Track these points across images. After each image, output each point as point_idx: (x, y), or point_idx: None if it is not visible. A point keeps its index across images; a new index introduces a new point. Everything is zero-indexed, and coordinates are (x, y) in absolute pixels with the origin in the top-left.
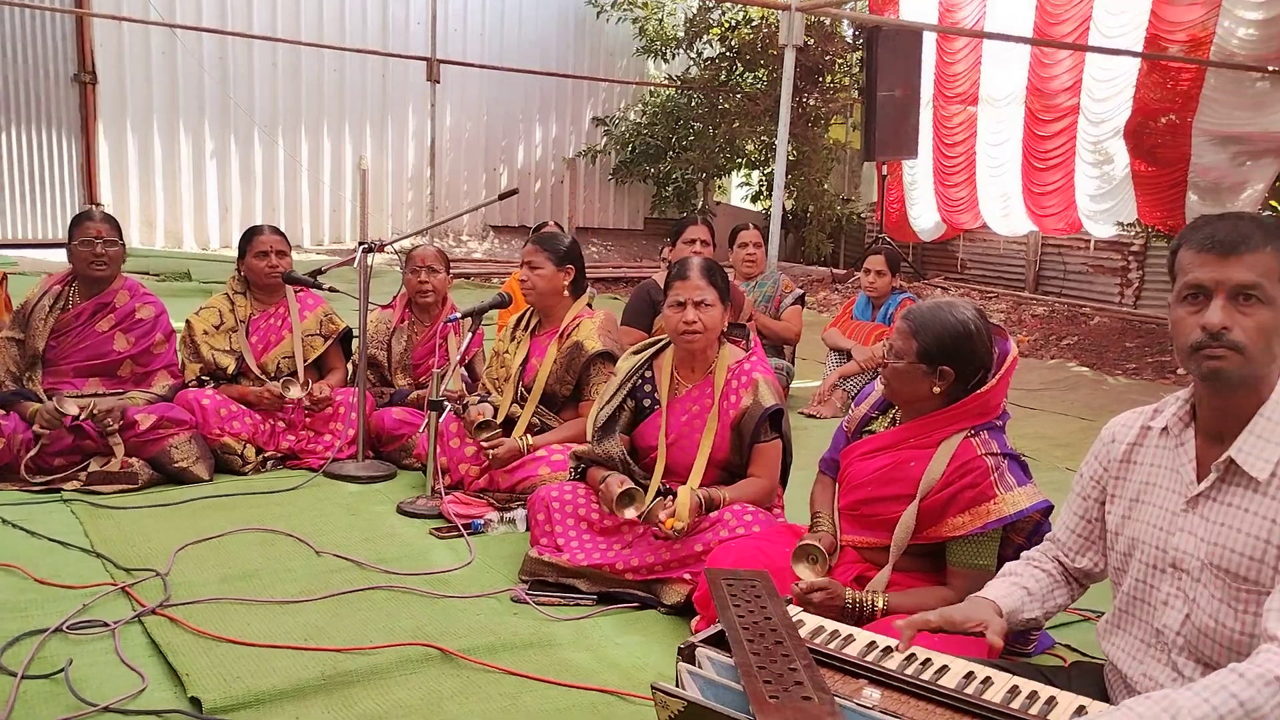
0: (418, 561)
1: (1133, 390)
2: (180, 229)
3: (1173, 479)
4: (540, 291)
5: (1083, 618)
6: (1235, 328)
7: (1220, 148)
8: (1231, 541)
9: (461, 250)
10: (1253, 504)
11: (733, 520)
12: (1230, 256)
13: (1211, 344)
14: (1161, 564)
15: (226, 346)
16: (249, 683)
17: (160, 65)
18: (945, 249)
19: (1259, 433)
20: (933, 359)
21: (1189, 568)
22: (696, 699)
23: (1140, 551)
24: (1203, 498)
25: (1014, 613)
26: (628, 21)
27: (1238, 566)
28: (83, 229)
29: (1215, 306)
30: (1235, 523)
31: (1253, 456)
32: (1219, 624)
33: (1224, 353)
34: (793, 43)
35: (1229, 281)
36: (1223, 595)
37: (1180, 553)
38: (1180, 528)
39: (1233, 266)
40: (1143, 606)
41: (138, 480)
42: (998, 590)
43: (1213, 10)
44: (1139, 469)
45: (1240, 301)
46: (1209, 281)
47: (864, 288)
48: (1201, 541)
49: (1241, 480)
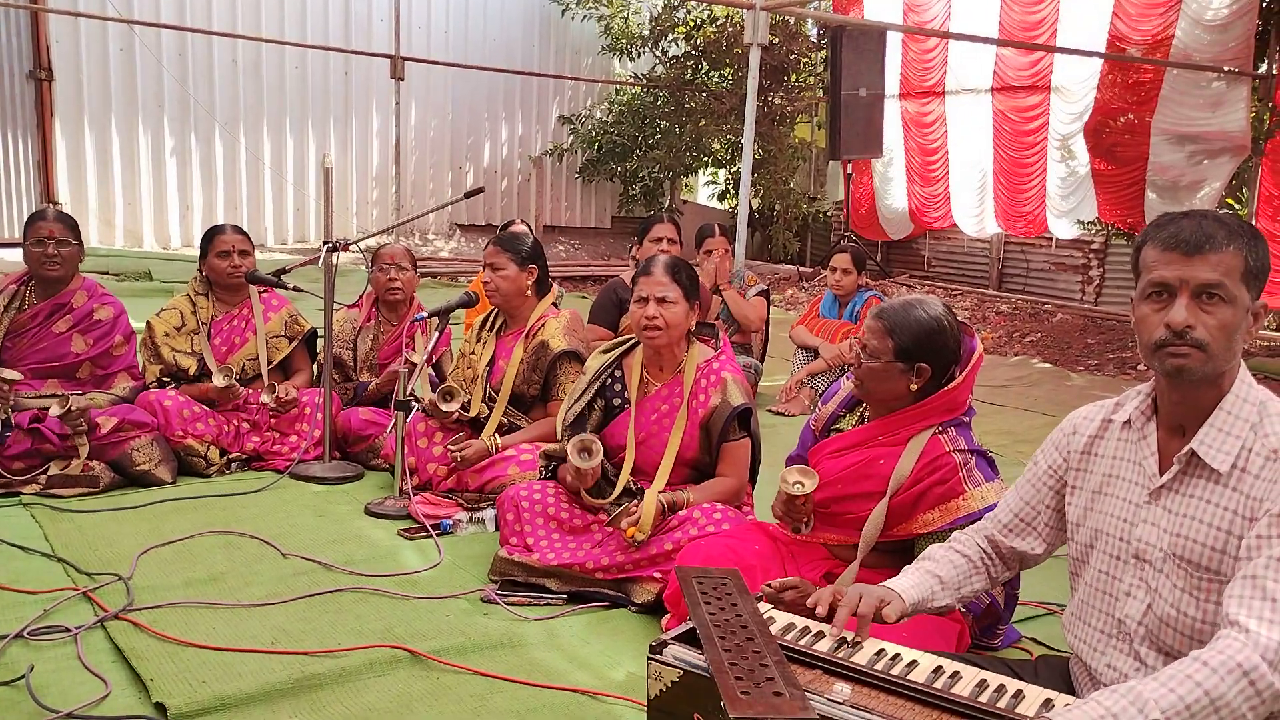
0: (386, 563)
1: (1094, 386)
2: (140, 228)
3: (1135, 471)
4: (504, 293)
5: (1048, 611)
6: (1198, 326)
7: (1178, 147)
8: (1193, 532)
9: (428, 249)
10: (1214, 495)
11: (702, 519)
12: (1195, 256)
13: (1175, 342)
14: (1124, 555)
15: (188, 348)
16: (215, 687)
17: (118, 62)
18: (911, 247)
19: (1219, 425)
20: (910, 356)
21: (1151, 558)
22: (693, 668)
23: (1103, 543)
24: (1165, 489)
25: (920, 603)
26: (593, 20)
27: (1199, 557)
28: (35, 229)
29: (1179, 305)
30: (1197, 514)
31: (1213, 449)
32: (1180, 613)
33: (1188, 350)
34: (758, 41)
35: (1193, 280)
36: (1184, 585)
37: (1143, 544)
38: (1143, 519)
39: (1197, 265)
40: (1104, 598)
41: (99, 483)
42: (904, 582)
43: (1172, 11)
44: (1101, 461)
45: (1203, 300)
46: (1174, 280)
47: (830, 286)
48: (1164, 533)
49: (1203, 472)
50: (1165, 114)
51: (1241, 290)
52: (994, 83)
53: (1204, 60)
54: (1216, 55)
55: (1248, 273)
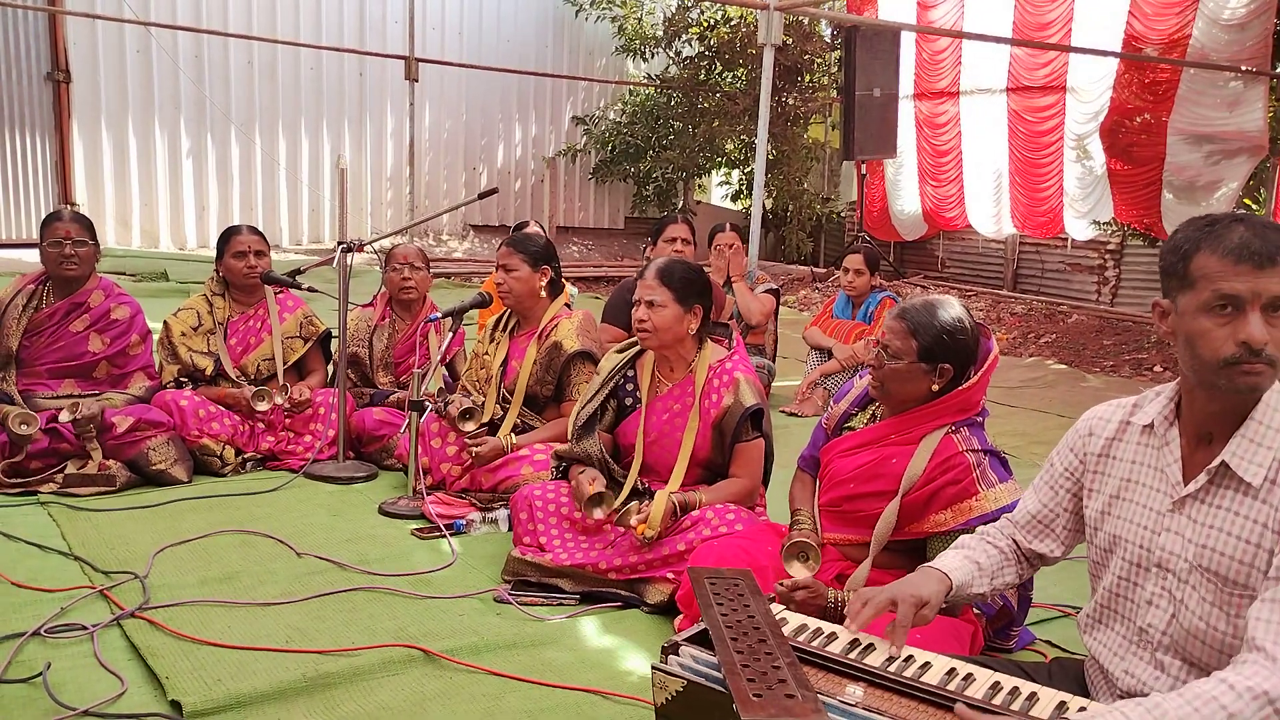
0: (400, 562)
1: (1110, 387)
2: (156, 228)
3: (1157, 478)
4: (517, 294)
5: (1062, 613)
6: (1271, 342)
7: (1195, 147)
8: (1221, 545)
9: (441, 250)
10: (1243, 508)
11: (715, 519)
12: (1268, 268)
13: (1251, 360)
14: (1146, 563)
15: (205, 348)
16: (230, 685)
17: (135, 63)
18: (925, 248)
19: (1251, 436)
20: (933, 357)
21: (1175, 569)
22: (697, 678)
23: (1122, 549)
24: (1191, 499)
25: (963, 586)
26: (606, 20)
27: (1227, 570)
28: (52, 229)
29: (1255, 320)
30: (1225, 526)
31: (1245, 461)
32: (1210, 626)
33: (1262, 369)
34: (771, 42)
35: (1266, 294)
36: (1213, 598)
37: (1166, 553)
38: (1166, 528)
39: (1269, 278)
40: (1125, 604)
41: (115, 483)
42: (950, 562)
43: (1189, 10)
44: (1119, 464)
45: (1270, 313)
46: (1246, 293)
47: (842, 287)
48: (1189, 543)
49: (1232, 484)
50: (1182, 114)
51: None
52: (1008, 83)
53: (1221, 60)
54: (1234, 55)
55: None
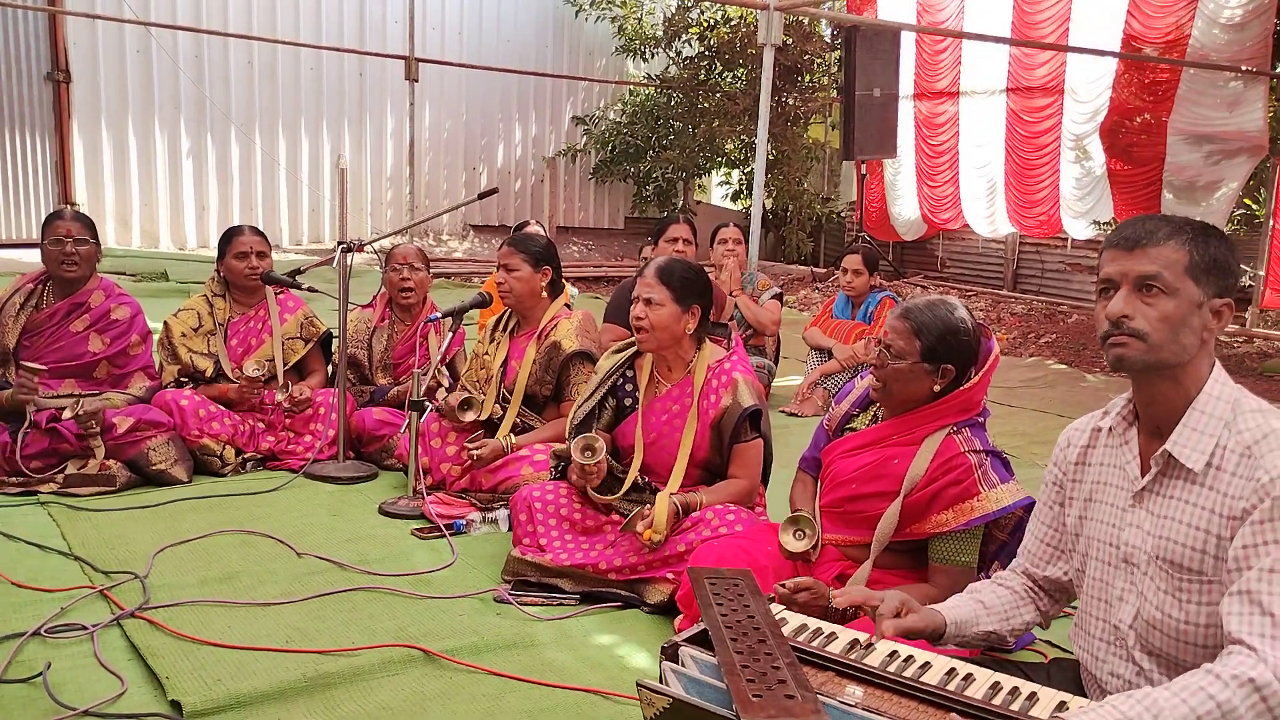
0: (400, 562)
1: (1110, 387)
2: (156, 229)
3: (1119, 476)
4: (518, 294)
5: (1062, 613)
6: (1137, 316)
7: (1195, 147)
8: (1174, 533)
9: (442, 250)
10: (1191, 495)
11: (715, 520)
12: (1134, 250)
13: (1114, 332)
14: (1115, 560)
15: (205, 349)
16: (230, 685)
17: (135, 63)
18: (924, 248)
19: (1192, 425)
20: (937, 357)
21: (1138, 562)
22: (682, 696)
23: (1096, 550)
24: (1146, 492)
25: (965, 624)
26: (606, 20)
27: (1181, 557)
28: (53, 228)
29: (1117, 296)
30: (1176, 514)
31: (1187, 448)
32: (1165, 615)
33: (1126, 340)
34: (771, 42)
35: (1131, 273)
36: (1167, 587)
37: (1130, 547)
38: (1129, 523)
39: (1135, 259)
40: (1101, 605)
41: (115, 482)
42: (950, 602)
43: (1188, 10)
44: (1091, 470)
45: (1143, 292)
46: (1116, 274)
47: (841, 287)
48: (1148, 535)
49: (1179, 473)
50: (1182, 114)
51: (1186, 283)
52: (1008, 83)
53: (1221, 60)
54: (1234, 55)
55: (1193, 266)
